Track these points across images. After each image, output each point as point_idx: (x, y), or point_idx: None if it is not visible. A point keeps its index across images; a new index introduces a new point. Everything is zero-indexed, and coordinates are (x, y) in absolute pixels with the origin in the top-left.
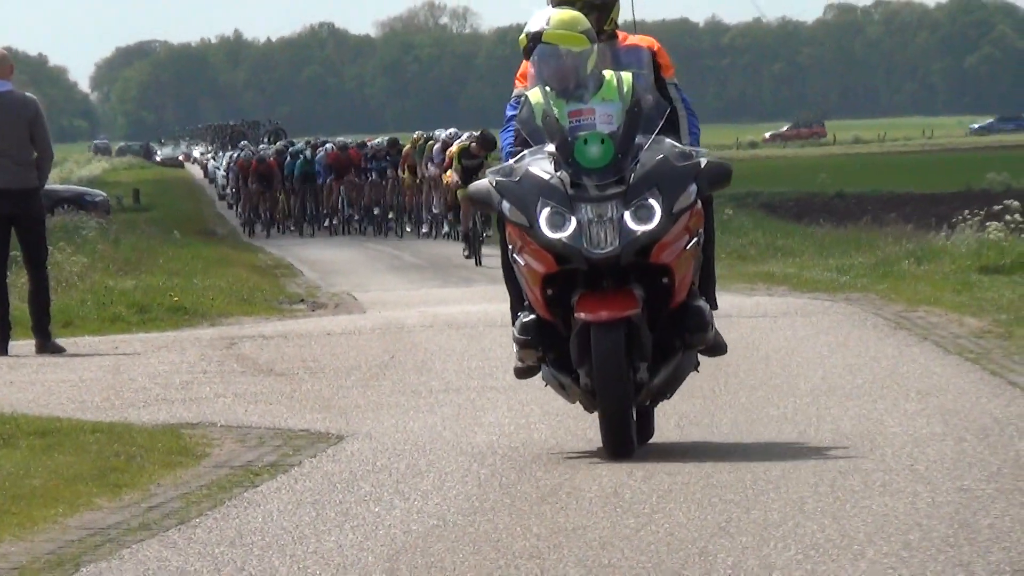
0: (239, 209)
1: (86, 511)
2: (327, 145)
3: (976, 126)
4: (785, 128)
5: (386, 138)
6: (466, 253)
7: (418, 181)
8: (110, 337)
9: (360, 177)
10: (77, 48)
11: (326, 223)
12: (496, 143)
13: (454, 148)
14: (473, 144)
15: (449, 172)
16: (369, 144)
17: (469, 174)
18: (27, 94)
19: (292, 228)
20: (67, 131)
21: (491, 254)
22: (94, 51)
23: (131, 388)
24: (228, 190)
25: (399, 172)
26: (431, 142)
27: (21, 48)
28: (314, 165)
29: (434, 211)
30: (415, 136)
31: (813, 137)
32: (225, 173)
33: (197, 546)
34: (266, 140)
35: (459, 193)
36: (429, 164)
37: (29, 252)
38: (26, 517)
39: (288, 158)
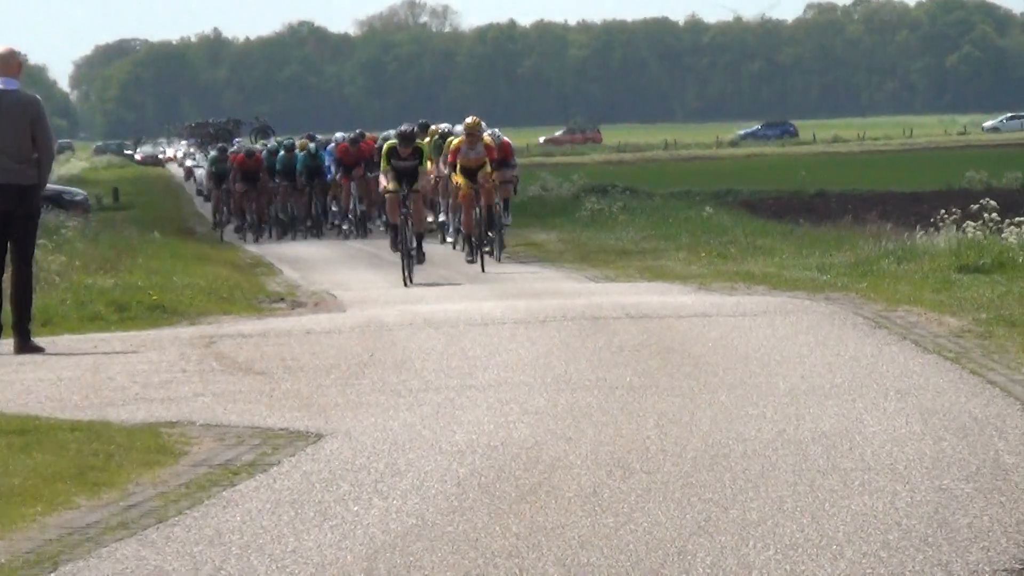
0: (224, 211)
1: (64, 510)
2: (337, 135)
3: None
4: (559, 133)
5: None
6: (469, 258)
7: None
8: (89, 336)
9: (369, 173)
10: (57, 46)
11: (343, 224)
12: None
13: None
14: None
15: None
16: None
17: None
18: (33, 94)
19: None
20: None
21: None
22: (74, 49)
23: (110, 387)
24: (207, 189)
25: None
26: (450, 138)
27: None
28: (320, 159)
29: (440, 218)
30: (431, 129)
31: (588, 143)
32: (210, 169)
33: (175, 545)
34: (252, 138)
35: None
36: (443, 163)
37: (18, 247)
38: (4, 516)
39: (280, 152)
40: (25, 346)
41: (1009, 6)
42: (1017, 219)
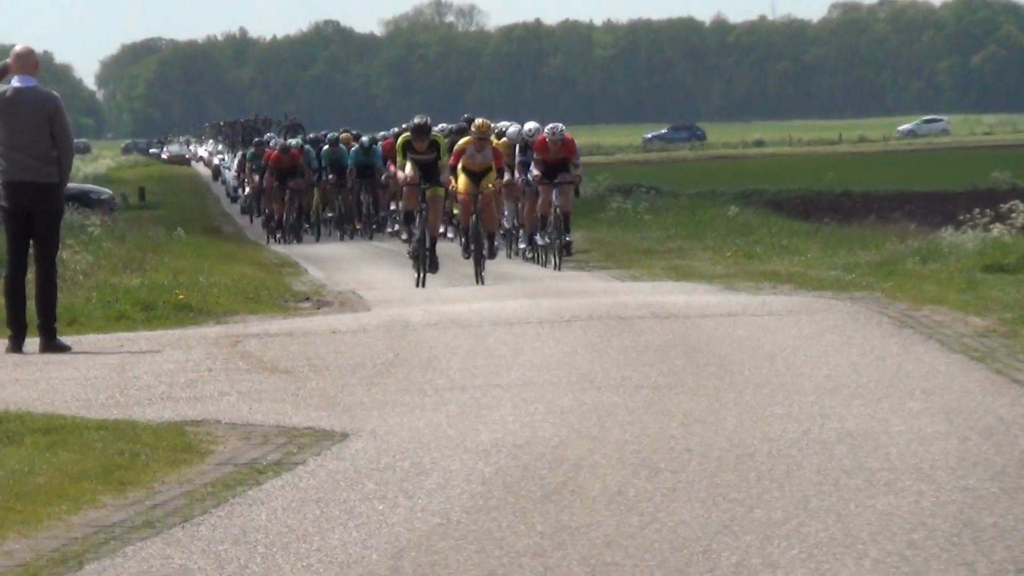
0: (261, 211)
1: (90, 508)
2: (393, 130)
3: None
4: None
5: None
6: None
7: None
8: (115, 335)
9: None
10: (83, 45)
11: (389, 228)
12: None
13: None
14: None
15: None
16: None
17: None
18: (50, 91)
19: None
20: (73, 129)
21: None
22: (100, 48)
23: (136, 386)
24: (241, 191)
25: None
26: (461, 138)
27: None
28: (374, 154)
29: (504, 224)
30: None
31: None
32: (236, 173)
33: (201, 544)
34: (283, 137)
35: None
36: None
37: (39, 246)
38: (31, 514)
39: (324, 147)
40: (50, 345)
41: None
42: None
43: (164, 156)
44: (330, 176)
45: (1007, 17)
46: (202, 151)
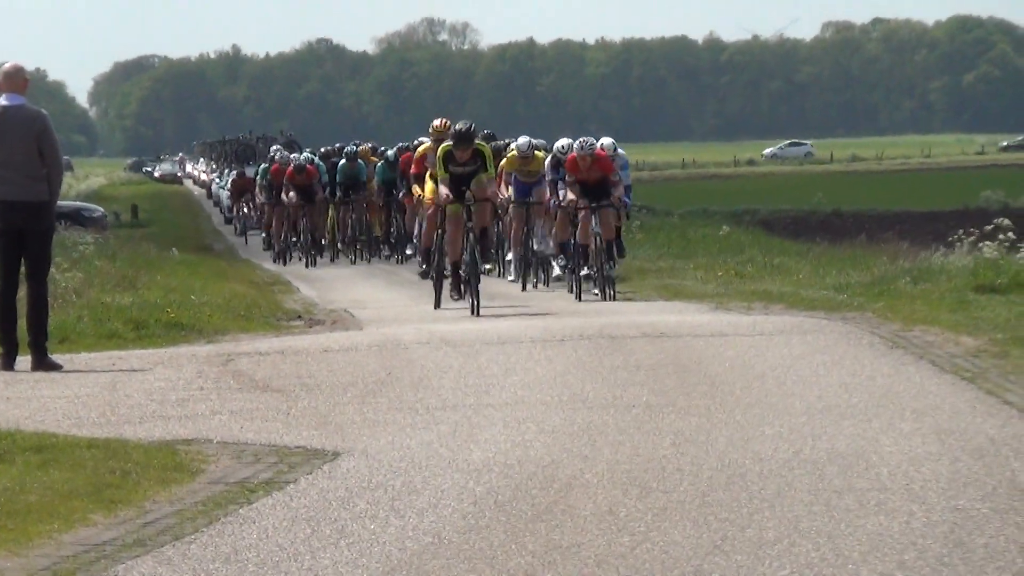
0: (267, 232)
1: (81, 527)
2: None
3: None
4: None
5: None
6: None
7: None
8: (106, 353)
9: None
10: (76, 63)
11: (410, 250)
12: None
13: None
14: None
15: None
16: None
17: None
18: (39, 109)
19: (338, 252)
20: (65, 146)
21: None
22: (93, 66)
23: (127, 404)
24: (238, 212)
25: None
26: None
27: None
28: (396, 171)
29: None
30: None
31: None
32: (229, 192)
33: (192, 563)
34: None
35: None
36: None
37: (30, 265)
38: (21, 532)
39: (342, 161)
40: (42, 363)
41: None
42: None
43: (156, 174)
44: (346, 194)
45: (1000, 36)
46: (192, 169)
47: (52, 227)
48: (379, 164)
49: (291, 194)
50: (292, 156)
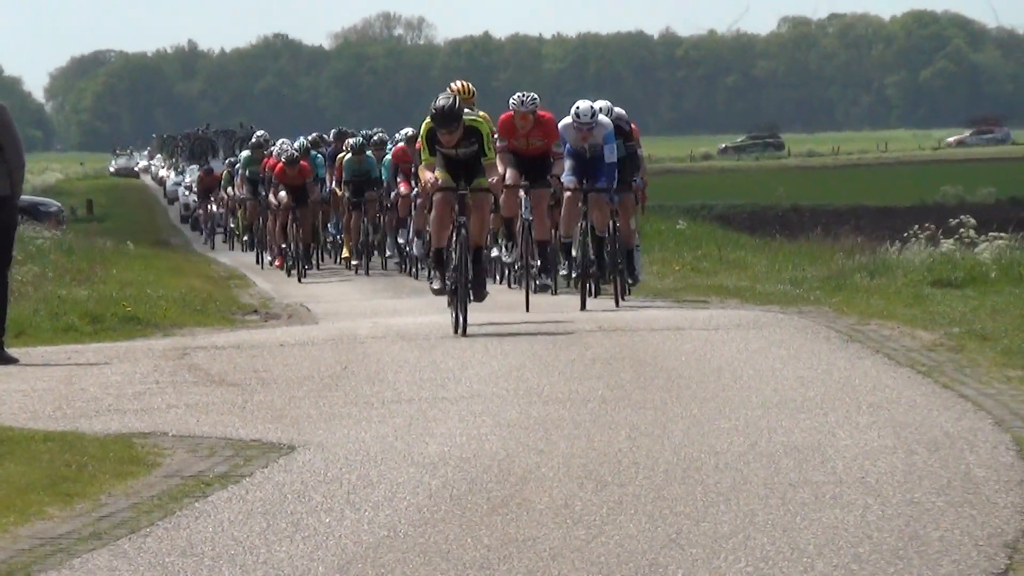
0: (261, 237)
1: (37, 520)
2: (404, 132)
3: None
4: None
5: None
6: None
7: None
8: (63, 347)
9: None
10: (32, 58)
11: (389, 251)
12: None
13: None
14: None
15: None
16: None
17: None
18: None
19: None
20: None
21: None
22: (49, 61)
23: (83, 398)
24: (207, 209)
25: None
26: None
27: None
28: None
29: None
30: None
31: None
32: (188, 190)
33: (147, 556)
34: (236, 149)
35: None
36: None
37: None
38: None
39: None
40: None
41: (983, 21)
42: (991, 234)
43: (112, 169)
44: (358, 192)
45: (956, 32)
46: (146, 162)
47: (15, 221)
48: (385, 158)
49: (281, 194)
50: (282, 146)
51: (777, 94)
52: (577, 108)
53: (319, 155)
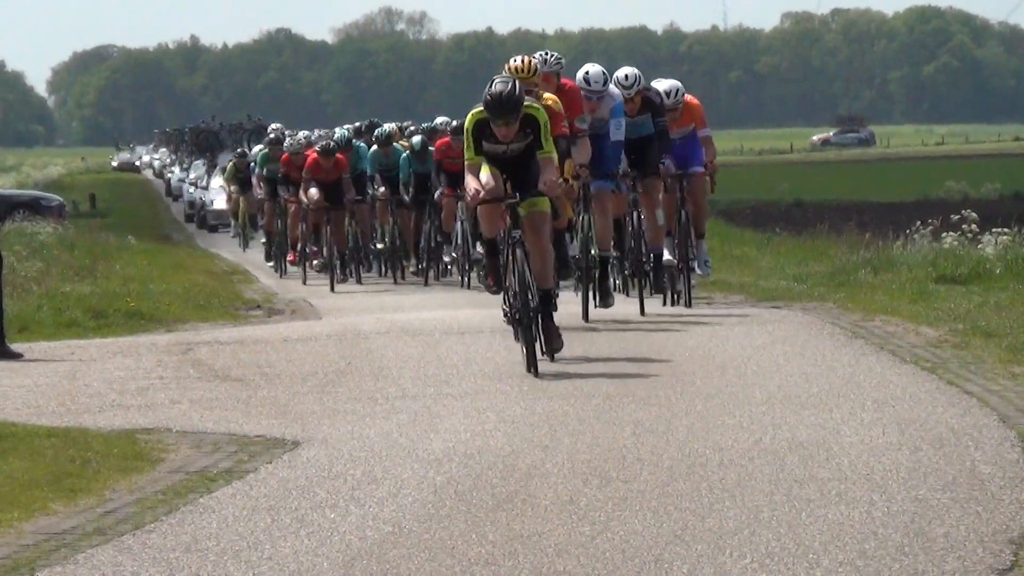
0: (278, 242)
1: (41, 516)
2: (438, 121)
3: None
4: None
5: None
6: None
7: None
8: (66, 342)
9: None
10: (35, 53)
11: (447, 256)
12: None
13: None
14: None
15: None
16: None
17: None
18: None
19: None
20: (24, 136)
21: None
22: (52, 56)
23: (87, 393)
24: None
25: None
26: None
27: None
28: (427, 162)
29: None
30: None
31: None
32: (193, 186)
33: (152, 551)
34: (247, 143)
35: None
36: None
37: None
38: None
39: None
40: (1, 352)
41: (987, 16)
42: (995, 230)
43: (114, 163)
44: (380, 189)
45: (959, 27)
46: (147, 157)
47: None
48: (405, 154)
49: (312, 191)
50: (316, 136)
51: (780, 89)
52: (587, 73)
53: (362, 145)
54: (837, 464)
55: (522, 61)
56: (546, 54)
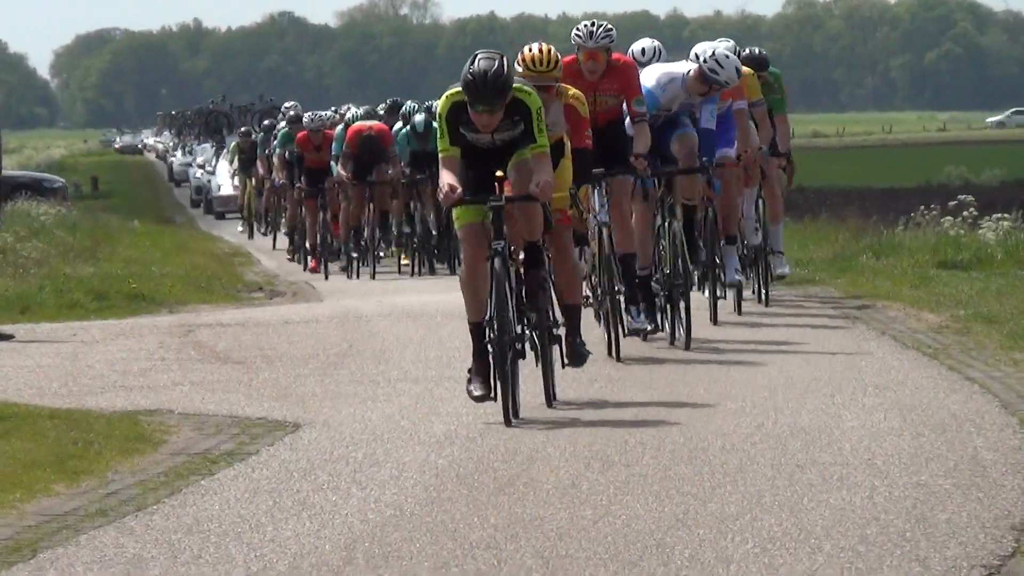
0: (303, 232)
1: (44, 497)
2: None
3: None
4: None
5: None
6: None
7: None
8: (68, 324)
9: None
10: (37, 35)
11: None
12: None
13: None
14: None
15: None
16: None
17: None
18: None
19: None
20: (26, 118)
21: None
22: (54, 38)
23: (89, 375)
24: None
25: None
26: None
27: None
28: (430, 141)
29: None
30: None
31: None
32: (200, 169)
33: (154, 533)
34: (257, 124)
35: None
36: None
37: None
38: None
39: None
40: None
41: (990, 4)
42: (996, 216)
43: (117, 145)
44: (406, 170)
45: (963, 14)
46: (152, 140)
47: None
48: (403, 131)
49: (348, 169)
50: (345, 111)
51: (782, 75)
52: (642, 48)
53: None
54: (839, 449)
55: (539, 51)
56: (593, 25)
